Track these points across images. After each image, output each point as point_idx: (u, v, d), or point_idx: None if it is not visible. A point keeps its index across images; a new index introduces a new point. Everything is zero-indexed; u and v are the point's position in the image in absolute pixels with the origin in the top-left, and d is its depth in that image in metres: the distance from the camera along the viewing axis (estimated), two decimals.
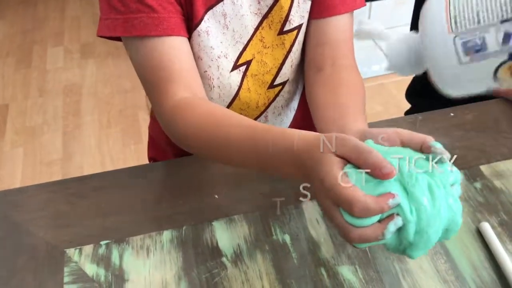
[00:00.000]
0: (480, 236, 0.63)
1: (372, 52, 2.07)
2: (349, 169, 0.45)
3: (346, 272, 0.60)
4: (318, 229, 0.65)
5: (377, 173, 0.43)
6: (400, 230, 0.44)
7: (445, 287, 0.58)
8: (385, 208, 0.43)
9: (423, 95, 0.84)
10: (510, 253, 0.61)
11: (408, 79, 1.23)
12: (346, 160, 0.45)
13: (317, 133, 0.49)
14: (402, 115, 1.20)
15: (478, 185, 0.70)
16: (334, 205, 0.44)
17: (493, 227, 0.64)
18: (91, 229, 0.66)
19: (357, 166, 0.45)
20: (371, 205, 0.42)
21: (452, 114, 0.81)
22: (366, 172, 0.44)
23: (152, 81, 0.66)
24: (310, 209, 0.68)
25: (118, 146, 2.01)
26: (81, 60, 2.51)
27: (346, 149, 0.45)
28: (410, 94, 1.22)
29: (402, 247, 0.45)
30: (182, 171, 0.75)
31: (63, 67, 2.46)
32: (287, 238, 0.64)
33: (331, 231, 0.65)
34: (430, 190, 0.44)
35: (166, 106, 0.64)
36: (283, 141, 0.51)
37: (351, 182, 0.44)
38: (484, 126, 0.79)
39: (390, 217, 0.44)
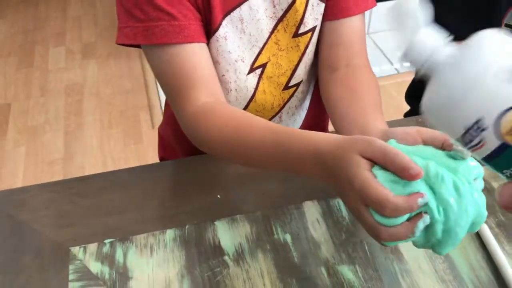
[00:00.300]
0: (478, 236, 0.64)
1: (373, 52, 2.08)
2: (376, 170, 0.46)
3: (346, 271, 0.61)
4: (318, 229, 0.66)
5: (405, 175, 0.44)
6: (428, 229, 0.45)
7: (443, 286, 0.59)
8: (415, 207, 0.44)
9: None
10: (507, 253, 0.62)
11: (407, 81, 1.24)
12: (373, 162, 0.46)
13: (342, 135, 0.51)
14: (402, 116, 1.22)
15: None
16: (364, 205, 0.45)
17: (490, 228, 0.65)
18: (95, 227, 0.67)
19: (383, 168, 0.46)
20: (401, 204, 0.43)
21: None
22: (393, 173, 0.45)
23: (174, 87, 0.67)
24: (311, 209, 0.69)
25: (119, 146, 2.01)
26: (82, 60, 2.52)
27: (372, 151, 0.46)
28: (410, 96, 1.23)
29: (430, 244, 0.46)
30: (185, 171, 0.76)
31: (64, 67, 2.47)
32: (288, 237, 0.65)
33: (331, 231, 0.66)
34: (456, 188, 0.44)
35: (188, 110, 0.65)
36: (307, 142, 0.52)
37: (380, 183, 0.44)
38: None
39: (419, 215, 0.45)
